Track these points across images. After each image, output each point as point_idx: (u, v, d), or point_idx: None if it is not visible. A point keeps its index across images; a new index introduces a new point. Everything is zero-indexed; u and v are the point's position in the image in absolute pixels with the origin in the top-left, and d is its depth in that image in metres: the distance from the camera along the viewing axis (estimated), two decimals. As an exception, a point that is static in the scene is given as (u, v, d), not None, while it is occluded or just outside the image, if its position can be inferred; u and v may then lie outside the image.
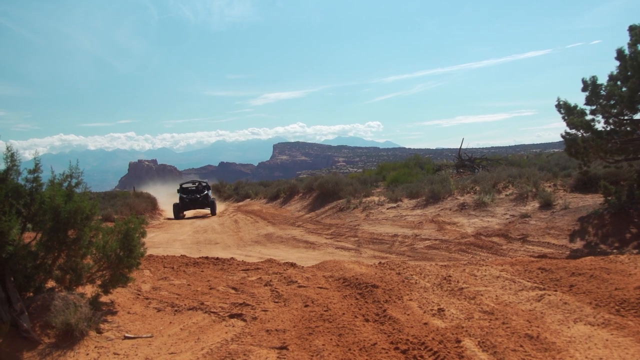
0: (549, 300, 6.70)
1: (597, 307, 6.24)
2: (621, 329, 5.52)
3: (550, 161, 28.09)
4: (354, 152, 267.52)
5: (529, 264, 9.00)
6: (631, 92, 15.11)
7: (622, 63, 15.78)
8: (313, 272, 10.54)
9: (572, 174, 20.59)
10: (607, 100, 15.78)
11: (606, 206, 15.75)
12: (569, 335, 5.58)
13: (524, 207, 18.38)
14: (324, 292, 8.60)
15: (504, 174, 23.23)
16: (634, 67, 15.10)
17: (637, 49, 15.56)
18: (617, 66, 15.98)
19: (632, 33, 15.96)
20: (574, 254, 13.57)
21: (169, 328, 7.12)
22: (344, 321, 6.84)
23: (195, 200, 39.14)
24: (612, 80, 15.98)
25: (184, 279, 10.35)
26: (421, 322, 6.50)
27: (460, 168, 32.38)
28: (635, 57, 15.25)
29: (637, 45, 15.67)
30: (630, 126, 15.64)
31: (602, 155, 16.05)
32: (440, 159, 49.37)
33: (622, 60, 15.80)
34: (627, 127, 15.66)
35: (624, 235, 14.17)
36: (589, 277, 7.49)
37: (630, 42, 15.89)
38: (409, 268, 9.77)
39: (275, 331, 6.62)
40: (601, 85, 15.99)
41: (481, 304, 6.98)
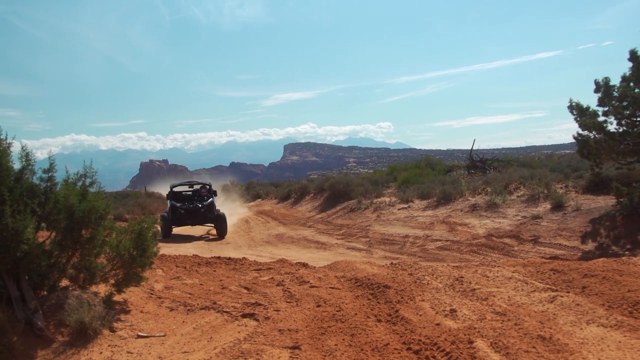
0: (562, 302, 6.70)
1: (610, 308, 6.23)
2: (634, 330, 5.52)
3: (562, 162, 28.03)
4: (364, 153, 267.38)
5: (541, 265, 8.99)
6: (644, 93, 15.07)
7: (635, 64, 15.73)
8: (325, 272, 10.56)
9: (584, 175, 20.53)
10: (619, 101, 15.73)
11: (618, 208, 15.70)
12: (582, 336, 5.58)
13: (535, 208, 18.34)
14: (336, 292, 8.61)
15: (515, 175, 23.18)
16: (646, 68, 15.06)
17: (650, 51, 15.52)
18: (629, 67, 15.93)
19: (645, 34, 15.91)
20: (586, 255, 13.54)
21: (181, 327, 7.15)
22: (357, 321, 6.85)
23: (196, 213, 25.45)
24: (624, 82, 15.94)
25: (197, 278, 10.38)
26: (433, 323, 6.50)
27: (472, 169, 32.32)
28: (649, 58, 15.22)
29: (649, 47, 15.63)
30: (644, 127, 15.59)
31: (615, 156, 16.01)
32: (451, 160, 49.28)
33: (635, 62, 15.75)
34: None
35: (636, 237, 14.12)
36: (601, 278, 7.48)
37: (644, 43, 15.83)
38: (420, 269, 9.77)
39: (288, 331, 6.64)
40: (614, 87, 15.95)
41: (493, 305, 6.98)
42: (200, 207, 25.71)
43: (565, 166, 25.11)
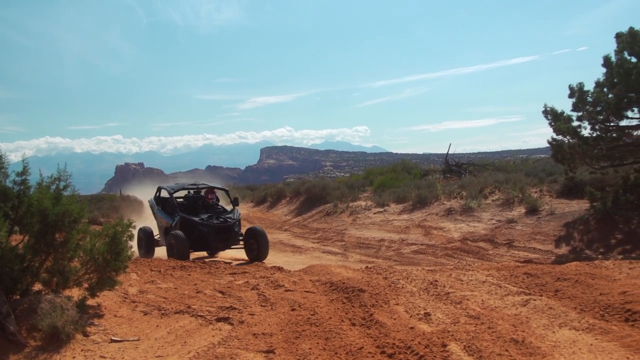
0: (535, 305, 6.74)
1: (582, 312, 6.28)
2: (605, 333, 5.57)
3: (537, 167, 28.21)
4: (341, 157, 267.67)
5: (515, 269, 9.06)
6: (617, 98, 15.20)
7: (609, 70, 15.87)
8: (300, 276, 10.56)
9: (559, 179, 20.67)
10: (593, 106, 15.87)
11: (592, 212, 15.83)
12: (554, 339, 5.62)
13: (510, 212, 18.46)
14: (311, 296, 8.61)
15: (490, 180, 23.31)
16: (620, 74, 15.19)
17: (623, 56, 15.66)
18: (603, 73, 16.08)
19: (619, 40, 16.07)
20: (560, 259, 13.65)
21: (155, 331, 7.12)
22: (331, 325, 6.85)
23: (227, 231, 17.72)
24: (598, 87, 16.07)
25: (171, 282, 10.34)
26: (407, 327, 6.52)
27: (447, 173, 32.45)
28: (622, 64, 15.35)
29: (623, 53, 15.77)
30: (616, 132, 15.73)
31: (588, 161, 16.14)
32: (427, 164, 49.49)
33: (609, 67, 15.89)
34: (613, 133, 15.75)
35: (609, 241, 14.26)
36: (574, 282, 7.54)
37: (617, 49, 15.99)
38: (395, 272, 9.80)
39: (262, 335, 6.62)
40: (588, 92, 16.08)
41: (467, 308, 7.01)
42: (230, 223, 17.73)
43: (540, 170, 25.26)
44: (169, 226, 18.00)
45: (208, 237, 17.29)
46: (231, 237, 17.70)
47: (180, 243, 16.25)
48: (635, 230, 14.40)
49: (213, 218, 17.86)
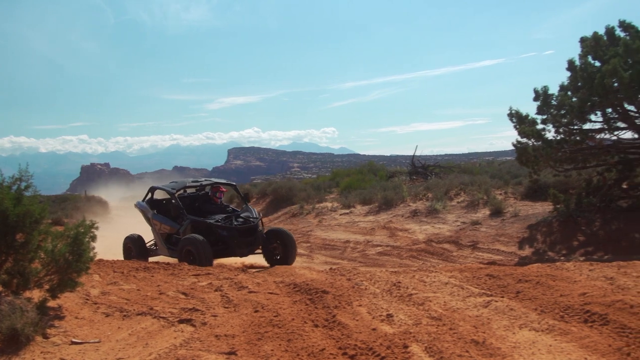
0: (496, 307, 6.76)
1: (542, 313, 6.31)
2: (565, 334, 5.60)
3: (502, 169, 28.45)
4: (308, 158, 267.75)
5: (478, 270, 9.09)
6: (581, 102, 15.37)
7: (573, 74, 16.06)
8: (264, 277, 10.52)
9: (523, 182, 20.88)
10: (557, 110, 16.04)
11: (555, 214, 16.00)
12: (514, 340, 5.64)
13: (474, 214, 18.58)
14: (274, 297, 8.57)
15: (456, 182, 23.46)
16: (584, 77, 15.36)
17: (587, 60, 15.84)
18: (568, 77, 16.28)
19: (583, 45, 16.26)
20: (523, 261, 13.76)
21: (117, 333, 7.03)
22: (294, 326, 6.81)
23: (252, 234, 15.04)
24: (562, 91, 16.26)
25: (134, 283, 10.23)
26: (370, 328, 6.50)
27: (413, 175, 32.60)
28: (586, 68, 15.52)
29: (587, 57, 15.95)
30: (580, 136, 15.89)
31: (552, 164, 16.30)
32: (394, 166, 49.66)
33: (573, 71, 16.08)
34: (577, 136, 15.91)
35: (571, 243, 14.40)
36: (535, 283, 7.59)
37: (581, 53, 16.18)
38: (359, 274, 9.79)
39: (225, 336, 6.57)
40: (552, 95, 16.26)
41: (429, 309, 7.01)
42: (255, 223, 15.12)
43: (505, 173, 25.49)
44: (174, 232, 15.47)
45: (230, 241, 14.60)
46: (256, 240, 14.98)
47: (203, 248, 13.64)
48: (597, 232, 14.57)
49: (232, 219, 15.12)
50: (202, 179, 17.25)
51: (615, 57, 14.54)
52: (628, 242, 13.77)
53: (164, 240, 15.75)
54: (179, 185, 16.57)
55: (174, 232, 15.47)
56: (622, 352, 5.01)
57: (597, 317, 5.89)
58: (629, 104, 15.15)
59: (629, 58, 14.65)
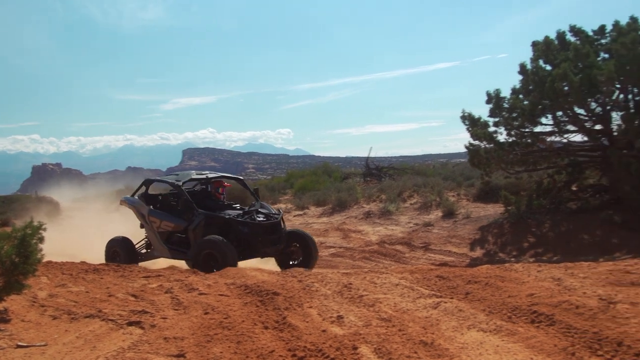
0: (445, 308, 6.79)
1: (490, 314, 6.35)
2: (512, 335, 5.64)
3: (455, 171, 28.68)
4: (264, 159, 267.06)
5: (428, 272, 9.12)
6: (532, 105, 15.58)
7: (525, 77, 16.28)
8: (215, 279, 10.43)
9: (475, 184, 21.08)
10: (509, 113, 16.23)
11: (506, 216, 16.20)
12: (462, 341, 5.66)
13: (427, 216, 18.71)
14: (225, 299, 8.50)
15: (409, 183, 23.60)
16: (535, 81, 15.57)
17: (538, 64, 16.07)
18: (519, 80, 16.48)
19: (535, 48, 16.49)
20: (474, 262, 13.88)
21: (64, 336, 6.91)
22: (243, 328, 6.76)
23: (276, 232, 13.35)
24: (514, 94, 16.47)
25: (83, 286, 10.07)
26: (320, 329, 6.48)
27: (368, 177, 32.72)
28: (537, 71, 15.74)
29: (538, 61, 16.18)
30: (531, 138, 16.12)
31: (504, 166, 16.49)
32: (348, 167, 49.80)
33: (525, 75, 16.30)
34: (528, 139, 16.13)
35: (521, 244, 14.58)
36: (484, 285, 7.64)
37: (533, 57, 16.41)
38: (310, 275, 9.76)
39: (174, 339, 6.49)
40: (504, 98, 16.45)
41: (379, 311, 7.01)
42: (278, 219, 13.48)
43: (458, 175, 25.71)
44: (179, 230, 13.69)
45: (253, 240, 12.84)
46: (280, 238, 13.35)
47: (228, 251, 12.07)
48: (546, 233, 14.76)
49: (252, 214, 13.30)
50: (206, 172, 15.26)
51: (566, 61, 14.76)
52: (577, 243, 13.98)
53: (164, 240, 13.93)
54: (183, 177, 14.50)
55: (179, 230, 13.68)
56: (567, 351, 5.06)
57: (543, 317, 5.94)
58: (578, 107, 15.38)
59: (579, 62, 14.89)
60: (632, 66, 13.76)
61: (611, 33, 15.87)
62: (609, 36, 16.01)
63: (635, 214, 13.96)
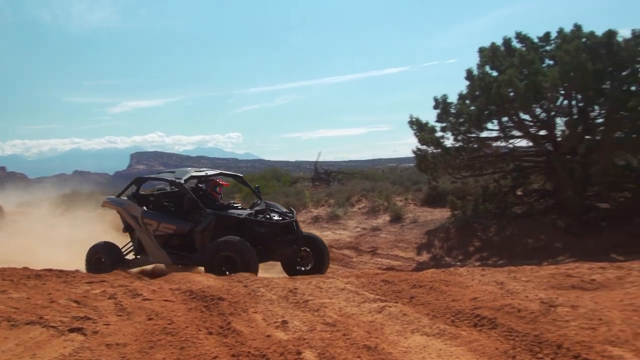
0: (390, 312, 6.79)
1: (434, 318, 6.37)
2: (455, 338, 5.65)
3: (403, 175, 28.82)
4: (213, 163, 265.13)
5: (374, 276, 9.12)
6: (479, 111, 15.76)
7: (471, 83, 16.46)
8: (160, 284, 10.30)
9: (423, 188, 21.21)
10: (456, 118, 16.40)
11: (452, 220, 16.33)
12: (406, 345, 5.66)
13: (375, 220, 18.75)
14: (170, 305, 8.40)
15: (357, 188, 23.64)
16: (482, 87, 15.75)
17: (485, 70, 16.26)
18: (466, 86, 16.64)
19: (482, 55, 16.67)
20: (420, 266, 13.95)
21: (3, 344, 6.74)
22: (187, 334, 6.68)
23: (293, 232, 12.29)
24: (461, 99, 16.63)
25: (24, 292, 9.86)
26: (264, 335, 6.43)
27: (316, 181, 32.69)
28: (483, 77, 15.92)
29: (485, 67, 16.36)
30: (477, 143, 16.30)
31: (450, 171, 16.66)
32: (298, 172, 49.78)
33: (471, 80, 16.47)
34: (474, 144, 16.32)
35: (467, 249, 14.72)
36: (428, 289, 7.66)
37: (480, 63, 16.58)
38: (256, 280, 9.70)
39: (116, 345, 6.38)
40: (451, 104, 16.59)
41: (324, 316, 6.98)
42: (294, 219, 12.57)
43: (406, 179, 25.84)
44: (182, 233, 12.49)
45: (270, 241, 11.83)
46: (298, 239, 12.34)
47: (249, 253, 11.11)
48: (492, 238, 14.94)
49: (266, 212, 12.43)
50: (204, 169, 14.38)
51: (511, 67, 14.96)
52: (521, 247, 14.17)
53: (162, 245, 12.64)
54: (181, 174, 13.15)
55: (182, 233, 12.48)
56: (508, 354, 5.09)
57: (486, 321, 5.97)
58: (524, 113, 15.61)
59: (524, 69, 15.11)
60: (575, 73, 13.99)
61: (556, 40, 16.14)
62: (553, 43, 16.29)
63: (577, 218, 14.20)
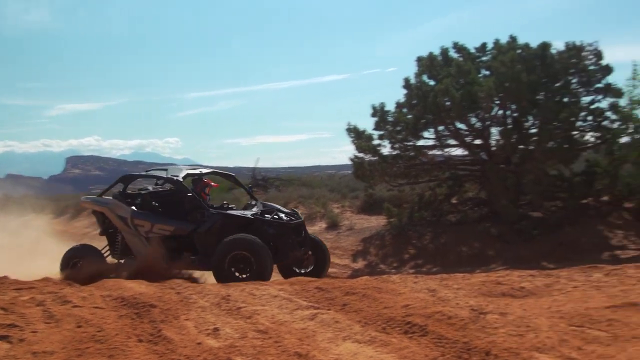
0: (322, 319, 6.76)
1: (366, 325, 6.36)
2: (385, 345, 5.65)
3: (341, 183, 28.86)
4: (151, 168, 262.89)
5: (307, 283, 9.10)
6: (415, 119, 15.89)
7: (409, 92, 16.60)
8: (91, 291, 10.10)
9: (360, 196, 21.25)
10: (393, 126, 16.49)
11: (388, 228, 16.39)
12: (337, 352, 5.64)
13: (312, 227, 18.66)
14: (100, 312, 8.24)
15: (295, 195, 23.63)
16: (419, 96, 15.89)
17: (422, 79, 16.40)
18: (404, 94, 16.76)
19: (419, 64, 16.82)
20: (355, 273, 13.97)
21: None
22: (117, 342, 6.55)
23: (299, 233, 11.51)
24: (399, 108, 16.73)
25: (-52, 299, 9.61)
26: (195, 342, 6.35)
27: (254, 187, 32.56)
28: (421, 86, 16.07)
29: (422, 76, 16.51)
30: (414, 152, 16.43)
31: (387, 179, 16.77)
32: (237, 178, 49.45)
33: (409, 89, 16.61)
34: (411, 152, 16.44)
35: (402, 256, 14.79)
36: (361, 296, 7.66)
37: (417, 72, 16.72)
38: (189, 287, 9.59)
39: (43, 353, 6.23)
40: (389, 112, 16.68)
41: (257, 323, 6.93)
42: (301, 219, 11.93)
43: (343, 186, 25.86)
44: (182, 234, 11.47)
45: (281, 242, 11.04)
46: (306, 241, 11.67)
47: (265, 254, 10.42)
48: (427, 245, 15.05)
49: (274, 212, 11.61)
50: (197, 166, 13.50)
51: (448, 77, 15.14)
52: (455, 255, 14.31)
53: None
54: (175, 171, 12.18)
55: (182, 234, 11.50)
56: (438, 361, 5.13)
57: (417, 328, 5.99)
58: (459, 122, 15.80)
59: (460, 78, 15.30)
60: (510, 83, 14.23)
61: (492, 51, 16.39)
62: (489, 54, 16.53)
63: (510, 227, 14.40)
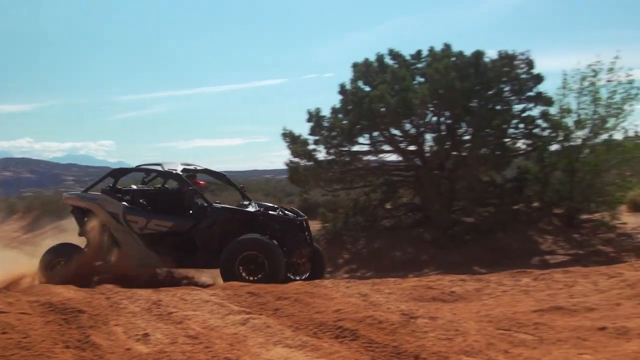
0: (253, 324, 6.73)
1: (297, 329, 6.35)
2: (316, 350, 5.64)
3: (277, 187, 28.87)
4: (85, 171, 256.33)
5: (239, 288, 9.04)
6: (351, 125, 15.96)
7: (344, 97, 16.66)
8: (17, 296, 9.86)
9: (295, 200, 21.25)
10: (329, 131, 16.51)
11: (323, 232, 16.40)
12: (268, 357, 5.61)
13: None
14: (26, 317, 8.04)
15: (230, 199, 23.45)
16: (354, 101, 15.96)
17: (358, 85, 16.48)
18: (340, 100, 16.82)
19: (355, 70, 16.91)
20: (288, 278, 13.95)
21: None
22: (43, 348, 6.41)
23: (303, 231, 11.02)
24: (334, 113, 16.77)
25: None
26: (124, 348, 6.24)
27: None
28: (356, 92, 16.15)
29: (358, 82, 16.59)
30: (349, 157, 16.49)
31: (322, 184, 16.78)
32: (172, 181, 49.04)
33: (344, 95, 16.68)
34: (346, 158, 16.49)
35: (337, 261, 14.83)
36: (293, 301, 7.65)
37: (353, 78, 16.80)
38: (119, 292, 9.43)
39: (-35, 361, 6.08)
40: (324, 117, 16.70)
41: (187, 328, 6.86)
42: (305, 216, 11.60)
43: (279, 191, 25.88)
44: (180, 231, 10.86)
45: (287, 239, 10.53)
46: (311, 239, 11.24)
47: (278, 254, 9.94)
48: (361, 250, 15.13)
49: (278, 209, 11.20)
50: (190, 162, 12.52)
51: (383, 83, 15.26)
52: (389, 259, 14.41)
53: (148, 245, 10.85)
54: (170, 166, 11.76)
55: (180, 231, 10.89)
56: (368, 366, 5.14)
57: (348, 332, 6.00)
58: (394, 128, 15.94)
59: (395, 85, 15.44)
60: (444, 90, 14.42)
61: (427, 58, 16.59)
62: (424, 61, 16.72)
63: (444, 232, 14.59)
